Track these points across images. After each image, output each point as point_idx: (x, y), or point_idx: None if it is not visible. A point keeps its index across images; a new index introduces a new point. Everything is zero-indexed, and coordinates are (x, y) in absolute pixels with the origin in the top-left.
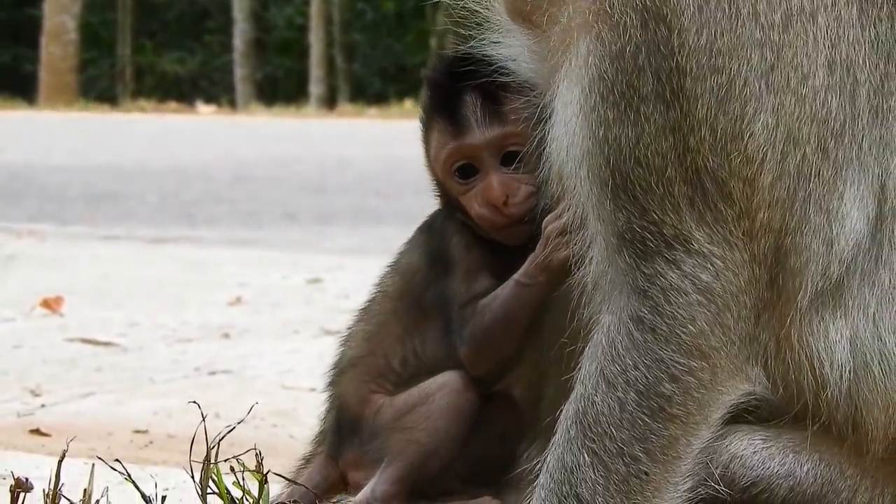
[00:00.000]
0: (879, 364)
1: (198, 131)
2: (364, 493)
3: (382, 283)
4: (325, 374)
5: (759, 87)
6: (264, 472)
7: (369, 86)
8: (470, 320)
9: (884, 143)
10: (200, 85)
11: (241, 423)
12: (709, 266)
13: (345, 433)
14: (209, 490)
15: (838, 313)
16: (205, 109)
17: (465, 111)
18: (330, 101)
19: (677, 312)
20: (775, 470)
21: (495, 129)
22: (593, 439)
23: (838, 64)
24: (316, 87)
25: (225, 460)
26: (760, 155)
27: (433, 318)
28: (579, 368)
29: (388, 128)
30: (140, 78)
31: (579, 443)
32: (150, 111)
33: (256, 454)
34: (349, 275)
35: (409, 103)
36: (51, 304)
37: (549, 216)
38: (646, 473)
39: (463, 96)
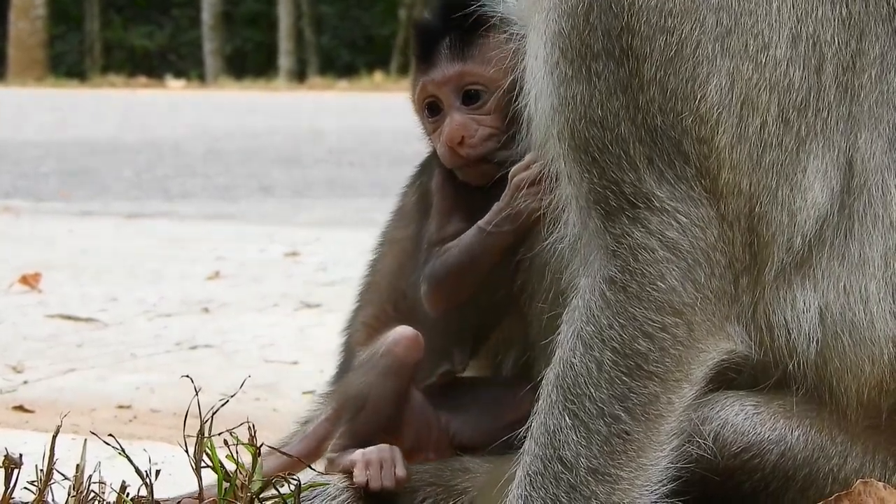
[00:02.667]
0: (850, 334)
1: (169, 106)
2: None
3: (382, 231)
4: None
5: (713, 50)
6: (258, 445)
7: (338, 58)
8: (433, 260)
9: (852, 119)
10: (169, 59)
11: (223, 397)
12: (673, 223)
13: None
14: (202, 464)
15: (808, 284)
16: (174, 84)
17: (433, 50)
18: (299, 74)
19: (646, 270)
20: (766, 435)
21: (455, 67)
22: (573, 401)
23: (803, 38)
24: (285, 60)
25: (219, 434)
26: (715, 115)
27: (417, 255)
28: (558, 333)
29: (359, 99)
30: (108, 53)
31: (560, 406)
32: (119, 86)
33: (249, 427)
34: (327, 247)
35: (378, 75)
36: (29, 281)
37: (516, 166)
38: (627, 433)
39: (439, 38)
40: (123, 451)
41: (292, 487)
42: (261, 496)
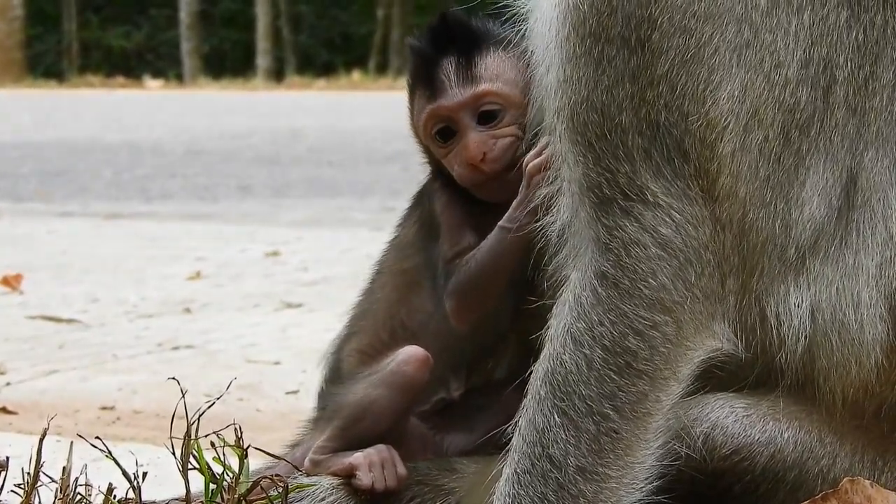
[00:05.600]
0: (839, 335)
1: (147, 106)
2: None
3: (379, 260)
4: (323, 356)
5: (730, 59)
6: (245, 447)
7: (316, 57)
8: (455, 273)
9: (860, 138)
10: (147, 59)
11: (206, 398)
12: (667, 219)
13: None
14: (189, 466)
15: (801, 282)
16: (152, 84)
17: (441, 74)
18: (277, 73)
19: (638, 266)
20: (756, 437)
21: (469, 90)
22: (562, 399)
23: (814, 61)
24: (263, 60)
25: (205, 436)
26: (723, 122)
27: (420, 285)
28: (547, 327)
29: (338, 98)
30: (86, 53)
31: (549, 403)
32: (97, 86)
33: (236, 429)
34: (307, 246)
35: (356, 74)
36: (10, 282)
37: (529, 154)
38: (615, 431)
39: (440, 60)
40: (110, 453)
41: (279, 489)
42: (248, 498)
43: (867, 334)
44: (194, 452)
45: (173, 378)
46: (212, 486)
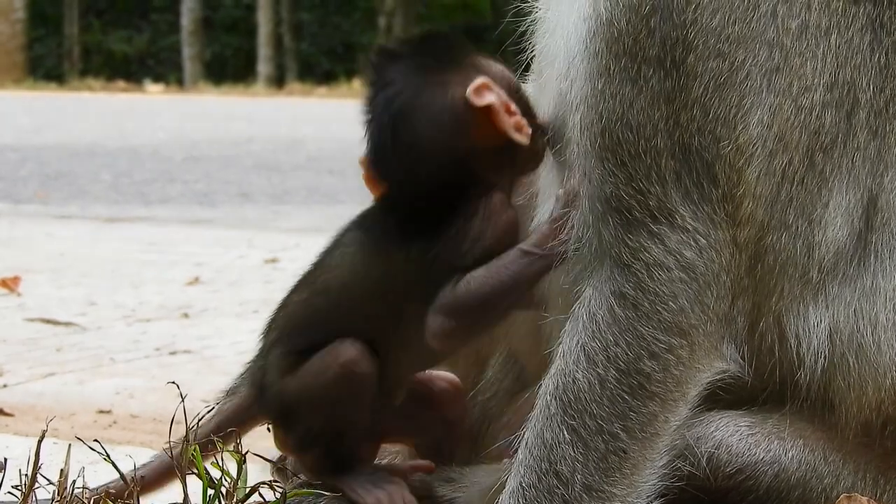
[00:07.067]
0: (856, 356)
1: (148, 110)
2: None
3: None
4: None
5: (761, 84)
6: (243, 453)
7: (317, 65)
8: (452, 289)
9: (880, 160)
10: (148, 64)
11: (204, 403)
12: (692, 243)
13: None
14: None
15: (820, 301)
16: (153, 88)
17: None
18: (278, 81)
19: (659, 289)
20: (760, 457)
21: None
22: (573, 416)
23: (839, 83)
24: (264, 67)
25: (204, 441)
26: (751, 149)
27: (387, 298)
28: (559, 343)
29: (338, 107)
30: (87, 57)
31: (559, 419)
32: (98, 90)
33: (235, 434)
34: (306, 253)
35: (357, 82)
36: (8, 284)
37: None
38: (624, 451)
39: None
40: (108, 456)
41: (278, 494)
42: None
43: (884, 356)
44: (192, 457)
45: (172, 382)
46: (210, 491)
